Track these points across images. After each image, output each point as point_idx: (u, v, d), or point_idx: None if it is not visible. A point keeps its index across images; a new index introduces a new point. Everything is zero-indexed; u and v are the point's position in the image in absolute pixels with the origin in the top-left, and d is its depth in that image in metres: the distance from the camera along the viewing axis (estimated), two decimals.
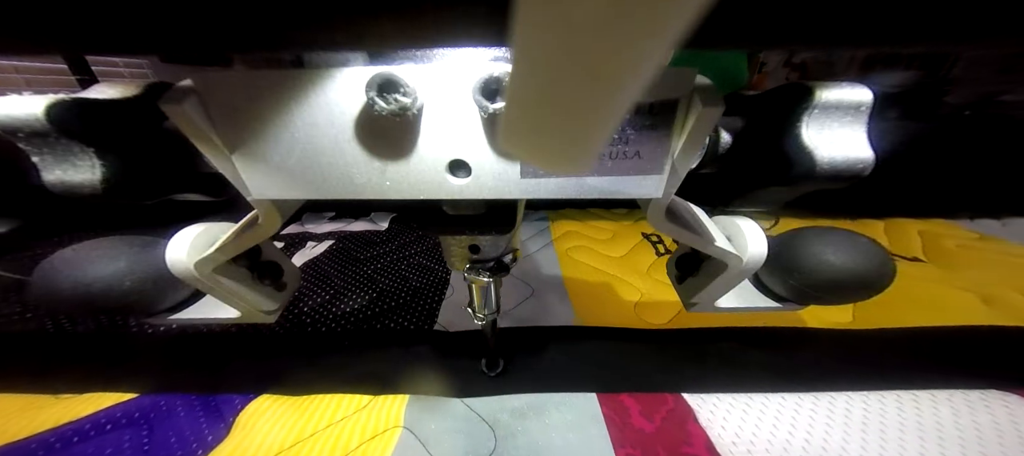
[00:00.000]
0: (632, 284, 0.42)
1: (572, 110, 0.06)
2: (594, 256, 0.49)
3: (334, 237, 0.57)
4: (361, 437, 0.25)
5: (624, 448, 0.24)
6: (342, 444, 0.25)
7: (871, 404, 0.26)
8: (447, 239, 0.23)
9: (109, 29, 0.10)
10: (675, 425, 0.25)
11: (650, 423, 0.25)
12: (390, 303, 0.41)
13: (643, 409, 0.26)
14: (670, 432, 0.25)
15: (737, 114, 0.16)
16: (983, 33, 0.09)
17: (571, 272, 0.45)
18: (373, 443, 0.25)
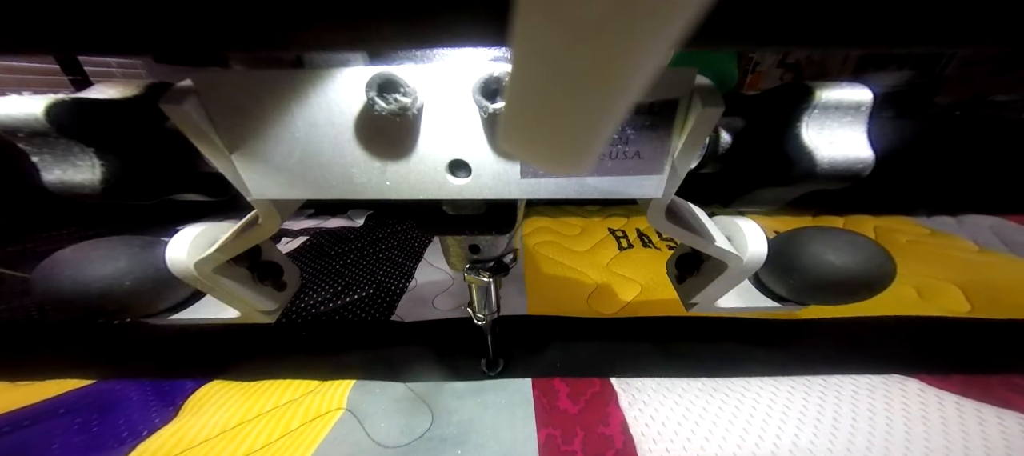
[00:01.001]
0: (590, 277, 0.44)
1: (572, 110, 0.06)
2: (559, 250, 0.51)
3: (309, 233, 0.59)
4: (303, 418, 0.27)
5: (546, 428, 0.26)
6: (283, 425, 0.26)
7: (781, 389, 0.28)
8: (447, 239, 0.23)
9: (108, 29, 0.10)
10: (597, 407, 0.27)
11: (574, 405, 0.27)
12: (353, 296, 0.42)
13: (571, 392, 0.28)
14: (591, 413, 0.27)
15: (737, 114, 0.16)
16: (977, 34, 0.09)
17: (533, 266, 0.47)
18: (313, 423, 0.26)
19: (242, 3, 0.09)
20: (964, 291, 0.39)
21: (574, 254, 0.51)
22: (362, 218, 0.66)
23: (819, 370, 0.29)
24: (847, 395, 0.26)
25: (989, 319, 0.35)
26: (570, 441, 0.25)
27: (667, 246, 0.54)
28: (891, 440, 0.23)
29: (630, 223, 0.61)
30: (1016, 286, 0.39)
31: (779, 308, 0.24)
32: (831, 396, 0.26)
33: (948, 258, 0.46)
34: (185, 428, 0.26)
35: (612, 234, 0.56)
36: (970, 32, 0.09)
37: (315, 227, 0.62)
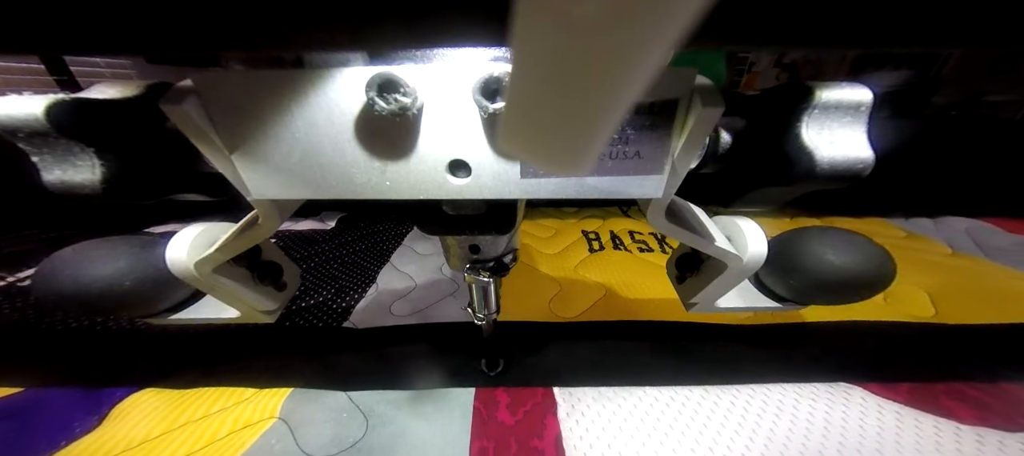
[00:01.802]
0: (554, 280, 0.44)
1: (572, 111, 0.06)
2: (529, 254, 0.51)
3: (275, 236, 0.59)
4: (232, 427, 0.26)
5: (480, 440, 0.25)
6: (209, 434, 0.26)
7: (723, 397, 0.27)
8: (447, 239, 0.23)
9: (107, 29, 0.10)
10: (536, 419, 0.27)
11: (513, 416, 0.27)
12: (308, 301, 0.41)
13: (511, 402, 0.28)
14: (528, 425, 0.26)
15: (737, 114, 0.16)
16: (974, 35, 0.09)
17: None
18: (242, 433, 0.26)
19: (242, 3, 0.09)
20: (931, 296, 0.39)
21: (544, 256, 0.50)
22: (334, 220, 0.65)
23: (770, 378, 0.29)
24: (789, 403, 0.26)
25: (950, 324, 0.35)
26: (507, 444, 0.25)
27: (638, 249, 0.53)
28: (825, 448, 0.23)
29: (604, 225, 0.60)
30: (982, 291, 0.39)
31: (779, 308, 0.24)
32: (773, 404, 0.26)
33: (920, 262, 0.46)
34: (105, 437, 0.25)
35: (585, 236, 0.56)
36: (967, 32, 0.09)
37: (284, 230, 0.61)
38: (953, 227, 0.54)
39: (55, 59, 0.86)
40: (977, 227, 0.53)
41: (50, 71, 0.85)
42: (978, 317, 0.35)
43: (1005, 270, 0.44)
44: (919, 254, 0.48)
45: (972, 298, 0.38)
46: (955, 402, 0.26)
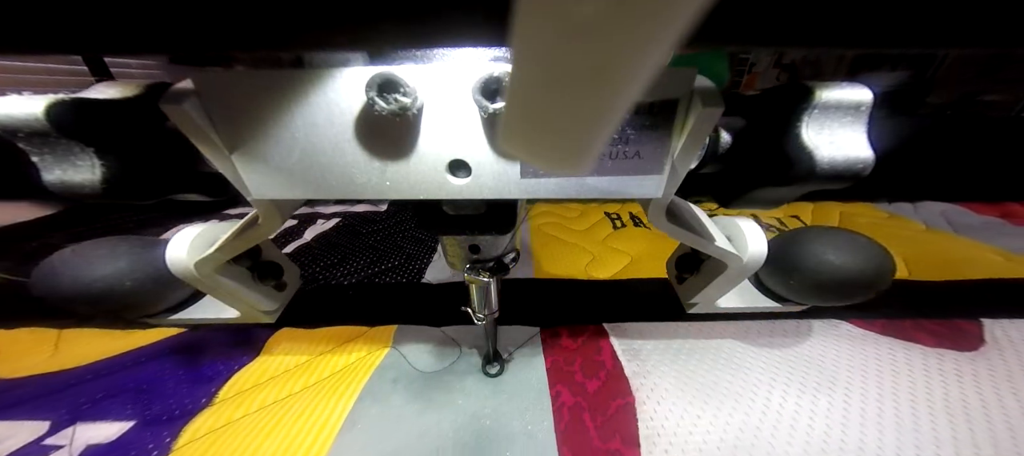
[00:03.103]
0: (587, 250, 0.51)
1: (572, 111, 0.06)
2: (561, 230, 0.58)
3: (340, 215, 0.66)
4: (359, 354, 0.34)
5: (552, 355, 0.33)
6: (344, 359, 0.33)
7: (739, 325, 0.35)
8: (447, 239, 0.23)
9: (106, 29, 0.10)
10: (592, 341, 0.34)
11: (574, 342, 0.34)
12: (386, 265, 0.49)
13: (570, 333, 0.35)
14: (587, 347, 0.34)
15: (737, 114, 0.16)
16: (971, 35, 0.09)
17: (538, 242, 0.54)
18: (367, 357, 0.33)
19: (242, 3, 0.09)
20: (905, 261, 0.47)
21: (574, 232, 0.57)
22: (385, 204, 0.72)
23: (773, 316, 0.36)
24: (791, 330, 0.35)
25: (920, 280, 0.44)
26: (571, 364, 0.32)
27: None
28: (823, 363, 0.31)
29: (624, 207, 0.67)
30: (947, 257, 0.48)
31: (779, 308, 0.24)
32: (779, 331, 0.35)
33: (899, 236, 0.54)
34: (265, 365, 0.32)
35: (607, 216, 0.63)
36: (964, 33, 0.09)
37: (344, 210, 0.68)
38: (930, 210, 0.62)
39: (95, 59, 0.91)
40: (951, 209, 0.62)
41: (92, 72, 0.93)
42: (941, 276, 0.44)
43: (970, 242, 0.52)
44: (898, 231, 0.57)
45: (938, 262, 0.47)
46: (920, 333, 0.34)
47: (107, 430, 0.26)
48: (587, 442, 0.26)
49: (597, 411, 0.28)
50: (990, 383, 0.28)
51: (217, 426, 0.27)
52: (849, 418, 0.26)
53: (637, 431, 0.26)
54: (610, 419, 0.27)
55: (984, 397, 0.27)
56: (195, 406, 0.28)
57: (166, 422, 0.27)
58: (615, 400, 0.28)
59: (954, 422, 0.26)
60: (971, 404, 0.27)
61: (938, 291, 0.41)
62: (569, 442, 0.26)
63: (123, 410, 0.28)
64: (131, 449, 0.25)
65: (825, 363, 0.31)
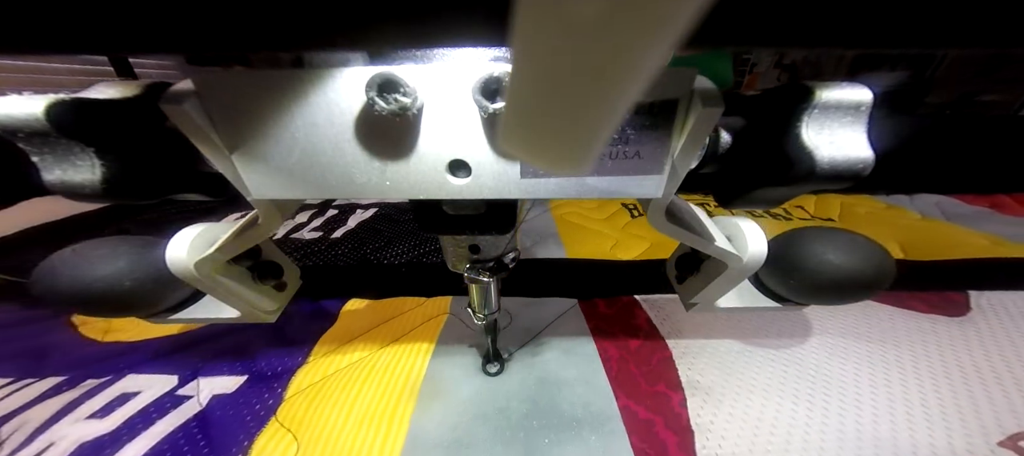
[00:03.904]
0: (610, 235, 0.57)
1: (572, 111, 0.06)
2: (583, 218, 0.63)
3: (377, 205, 0.70)
4: (422, 319, 0.39)
5: (593, 321, 0.38)
6: (410, 323, 0.38)
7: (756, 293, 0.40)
8: (447, 239, 0.23)
9: (105, 29, 0.10)
10: (627, 310, 0.39)
11: (610, 309, 0.39)
12: (429, 247, 0.54)
13: (607, 304, 0.40)
14: (623, 314, 0.39)
15: (737, 114, 0.16)
16: (972, 36, 0.09)
17: (564, 228, 0.59)
18: (430, 323, 0.38)
19: (242, 3, 0.09)
20: (901, 245, 0.53)
21: (595, 220, 0.62)
22: None
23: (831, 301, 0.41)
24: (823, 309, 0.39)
25: (915, 260, 0.49)
26: (612, 327, 0.37)
27: None
28: (832, 323, 0.36)
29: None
30: (940, 240, 0.54)
31: (779, 308, 0.24)
32: (811, 311, 0.38)
33: (896, 224, 0.60)
34: (344, 329, 0.37)
35: (624, 206, 0.68)
36: (963, 33, 0.09)
37: (380, 200, 0.71)
38: (925, 201, 0.68)
39: (122, 60, 0.94)
40: (944, 200, 0.68)
41: (118, 72, 0.98)
42: (934, 256, 0.49)
43: (960, 228, 0.58)
44: (895, 219, 0.63)
45: (931, 245, 0.52)
46: (916, 302, 0.39)
47: (226, 382, 0.31)
48: (636, 386, 0.30)
49: (641, 362, 0.32)
50: (977, 343, 0.34)
51: (315, 380, 0.31)
52: (860, 370, 0.31)
53: (679, 377, 0.31)
54: (653, 368, 0.31)
55: (973, 355, 0.32)
56: (293, 364, 0.33)
57: (272, 378, 0.31)
58: (655, 354, 0.33)
59: (949, 374, 0.31)
60: (962, 361, 0.32)
61: (930, 268, 0.47)
62: (621, 386, 0.30)
63: (234, 367, 0.32)
64: (251, 397, 0.29)
65: (833, 323, 0.36)
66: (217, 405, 0.29)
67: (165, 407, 0.28)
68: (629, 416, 0.27)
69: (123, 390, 0.30)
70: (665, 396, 0.29)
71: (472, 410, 0.28)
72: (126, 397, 0.29)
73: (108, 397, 0.29)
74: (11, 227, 0.61)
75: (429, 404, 0.29)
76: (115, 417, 0.28)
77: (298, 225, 0.60)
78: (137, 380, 0.31)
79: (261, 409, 0.28)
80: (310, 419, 0.28)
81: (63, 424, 0.27)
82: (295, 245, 0.54)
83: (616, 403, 0.28)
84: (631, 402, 0.28)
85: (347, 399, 0.29)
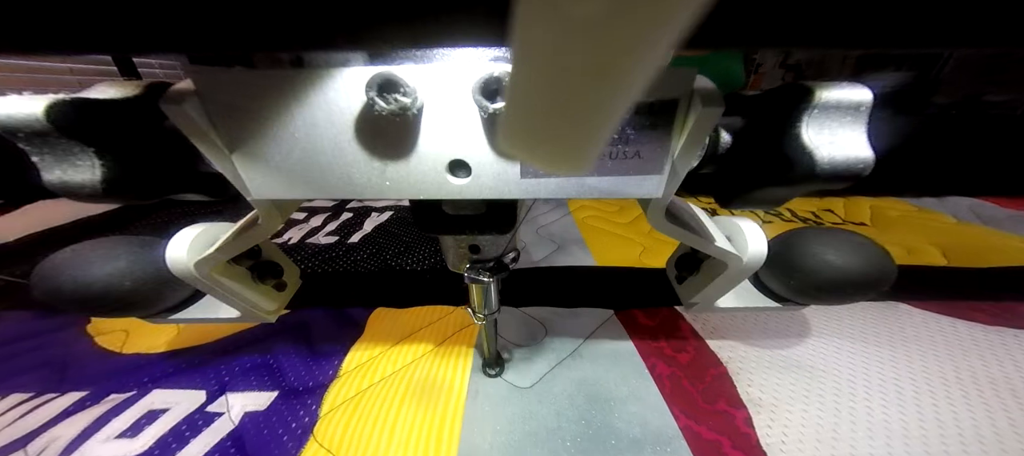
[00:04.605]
0: (636, 241, 0.54)
1: (572, 111, 0.06)
2: (606, 223, 0.60)
3: (393, 208, 0.68)
4: (454, 329, 0.37)
5: (636, 336, 0.35)
6: (441, 333, 0.36)
7: (805, 310, 0.37)
8: (447, 239, 0.23)
9: (105, 29, 0.10)
10: (669, 323, 0.37)
11: (651, 321, 0.37)
12: None
13: (646, 315, 0.38)
14: (666, 326, 0.37)
15: (737, 114, 0.16)
16: (975, 35, 0.09)
17: (588, 233, 0.57)
18: (463, 333, 0.36)
19: (242, 3, 0.09)
20: (942, 251, 0.51)
21: (619, 225, 0.60)
22: None
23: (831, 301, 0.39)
24: (858, 312, 0.38)
25: (960, 267, 0.47)
26: (656, 340, 0.35)
27: None
28: (894, 337, 0.34)
29: None
30: (982, 247, 0.51)
31: (779, 308, 0.24)
32: (846, 313, 0.37)
33: (930, 228, 0.57)
34: (373, 340, 0.35)
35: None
36: (969, 33, 0.09)
37: (396, 203, 0.69)
38: (957, 204, 0.64)
39: (126, 60, 0.97)
40: (978, 204, 0.64)
41: (122, 72, 0.98)
42: (980, 263, 0.47)
43: (1001, 234, 0.55)
44: (928, 222, 0.59)
45: (974, 252, 0.50)
46: (976, 312, 0.37)
47: (257, 398, 0.29)
48: (693, 403, 0.28)
49: (695, 379, 0.30)
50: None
51: (350, 395, 0.30)
52: (931, 386, 0.30)
53: (739, 395, 0.29)
54: (709, 385, 0.30)
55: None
56: (325, 378, 0.31)
57: (304, 393, 0.30)
58: (710, 369, 0.31)
59: (1015, 392, 0.29)
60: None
61: (981, 276, 0.44)
62: (677, 404, 0.28)
63: (263, 381, 0.31)
64: (285, 414, 0.28)
65: (895, 337, 0.34)
66: (250, 423, 0.27)
67: (197, 425, 0.27)
68: (692, 436, 0.26)
69: (150, 406, 0.29)
70: (727, 415, 0.27)
71: (522, 428, 0.27)
72: (154, 414, 0.28)
73: (136, 414, 0.28)
74: (23, 230, 0.60)
75: (477, 423, 0.28)
76: (146, 436, 0.27)
77: (313, 229, 0.58)
78: (163, 396, 0.30)
79: (297, 427, 0.27)
80: (351, 439, 0.26)
81: (93, 443, 0.26)
82: (311, 250, 0.52)
83: (676, 422, 0.27)
84: (691, 421, 0.27)
85: (388, 417, 0.28)
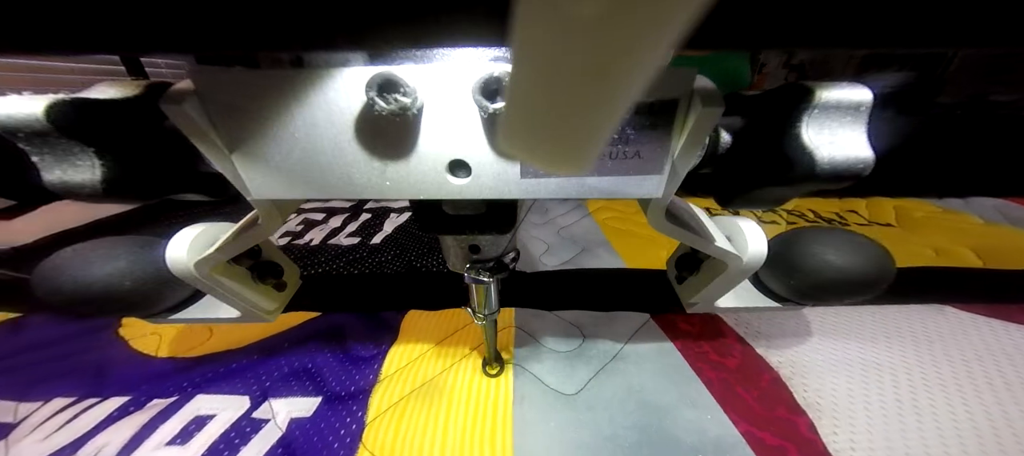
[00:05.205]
0: (663, 242, 0.51)
1: (572, 111, 0.06)
2: (629, 223, 0.59)
3: (411, 210, 0.67)
4: None
5: (678, 340, 0.35)
6: (478, 336, 0.35)
7: (844, 311, 0.38)
8: (447, 239, 0.23)
9: (103, 29, 0.10)
10: (711, 327, 0.36)
11: (691, 327, 0.36)
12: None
13: (685, 320, 0.37)
14: (707, 331, 0.36)
15: (737, 114, 0.16)
16: (979, 35, 0.09)
17: (612, 235, 0.56)
18: (500, 335, 0.35)
19: (243, 3, 0.09)
20: (975, 252, 0.48)
21: (642, 224, 0.58)
22: None
23: (877, 300, 0.37)
24: (903, 315, 0.37)
25: (1000, 269, 0.45)
26: (699, 345, 0.34)
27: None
28: (943, 339, 0.34)
29: None
30: (1016, 247, 0.49)
31: (779, 308, 0.24)
32: (891, 316, 0.37)
33: (957, 229, 0.56)
34: (409, 343, 0.35)
35: None
36: (973, 33, 0.09)
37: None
38: (982, 204, 0.63)
39: (133, 60, 0.97)
40: (1003, 204, 0.63)
41: (130, 71, 0.98)
42: (1014, 265, 0.45)
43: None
44: (956, 223, 0.58)
45: (1010, 253, 0.48)
46: (1017, 314, 0.36)
47: (301, 404, 0.29)
48: (749, 409, 0.28)
49: (749, 384, 0.30)
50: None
51: (394, 401, 0.29)
52: (976, 386, 0.29)
53: (796, 400, 0.29)
54: (764, 392, 0.29)
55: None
56: (366, 383, 0.31)
57: (347, 398, 0.29)
58: (763, 375, 0.31)
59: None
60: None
61: (1019, 278, 0.43)
62: (733, 409, 0.28)
63: (305, 387, 0.30)
64: (333, 420, 0.28)
65: (946, 339, 0.34)
66: (298, 430, 0.27)
67: (246, 432, 0.27)
68: (755, 442, 0.26)
69: (196, 412, 0.28)
70: (789, 422, 0.27)
71: (575, 437, 0.27)
72: (201, 421, 0.28)
73: (182, 420, 0.28)
74: (41, 231, 0.59)
75: (528, 429, 0.27)
76: (197, 444, 0.26)
77: (334, 230, 0.58)
78: (208, 401, 0.29)
79: (346, 434, 0.27)
80: (401, 447, 0.26)
81: (143, 451, 0.26)
82: (334, 251, 0.52)
83: (736, 429, 0.27)
84: (752, 427, 0.27)
85: (437, 422, 0.28)
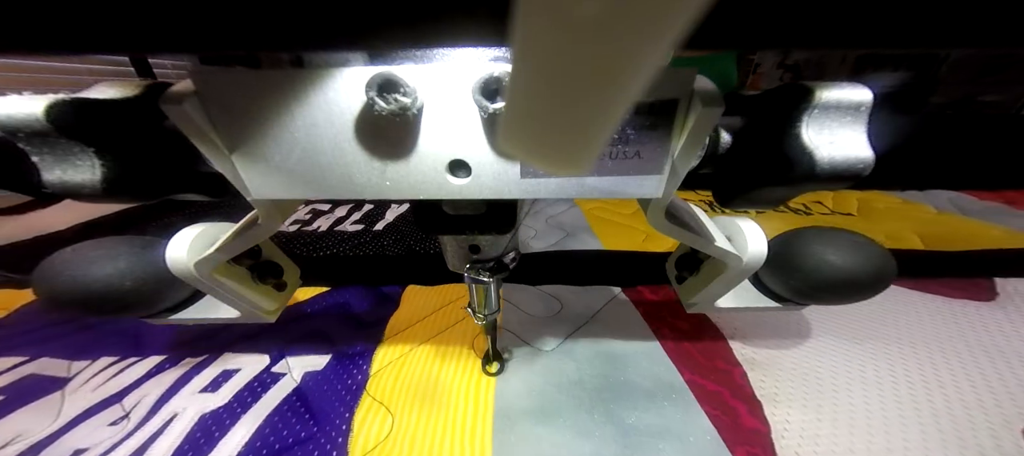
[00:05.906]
0: (640, 229, 0.59)
1: (572, 111, 0.06)
2: (611, 213, 0.65)
3: (409, 201, 0.71)
4: None
5: (642, 307, 0.40)
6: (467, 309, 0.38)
7: None
8: (447, 239, 0.23)
9: (101, 29, 0.10)
10: (671, 297, 0.41)
11: (655, 296, 0.42)
12: None
13: (651, 291, 0.42)
14: (668, 299, 0.41)
15: (737, 114, 0.16)
16: (974, 35, 0.09)
17: (595, 223, 0.62)
18: None
19: (243, 3, 0.09)
20: (920, 237, 0.56)
21: (623, 214, 0.65)
22: None
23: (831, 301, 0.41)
24: None
25: (935, 250, 0.52)
26: (660, 311, 0.39)
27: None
28: (872, 310, 0.38)
29: None
30: (956, 234, 0.56)
31: (779, 308, 0.24)
32: None
33: (913, 218, 0.63)
34: (409, 312, 0.39)
35: None
36: (968, 33, 0.09)
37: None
38: (938, 196, 0.71)
39: (142, 60, 0.98)
40: (957, 196, 0.71)
41: (139, 72, 1.00)
42: (953, 247, 0.52)
43: (975, 222, 0.61)
44: (911, 213, 0.65)
45: (949, 237, 0.55)
46: (945, 288, 0.42)
47: (314, 360, 0.33)
48: (695, 361, 0.33)
49: (696, 342, 0.35)
50: (1008, 325, 0.36)
51: (395, 357, 0.33)
52: (903, 353, 0.33)
53: (734, 355, 0.33)
54: (708, 348, 0.34)
55: (1006, 334, 0.35)
56: (371, 343, 0.35)
57: (355, 355, 0.33)
58: (707, 334, 0.36)
59: (975, 357, 0.32)
60: (994, 341, 0.34)
61: (953, 258, 0.49)
62: (681, 361, 0.33)
63: (318, 347, 0.34)
64: (341, 373, 0.32)
65: (874, 310, 0.38)
66: (311, 381, 0.31)
67: (267, 382, 0.31)
68: (697, 388, 0.30)
69: (224, 367, 0.32)
70: (726, 372, 0.31)
71: (550, 380, 0.31)
72: (229, 373, 0.31)
73: (213, 373, 0.31)
74: (74, 219, 0.59)
75: (510, 376, 0.31)
76: (225, 391, 0.30)
77: (339, 219, 0.63)
78: (234, 359, 0.33)
79: (353, 384, 0.30)
80: (398, 392, 0.30)
81: (180, 397, 0.29)
82: (341, 237, 0.57)
83: (682, 376, 0.31)
84: (696, 376, 0.31)
85: (430, 374, 0.31)
